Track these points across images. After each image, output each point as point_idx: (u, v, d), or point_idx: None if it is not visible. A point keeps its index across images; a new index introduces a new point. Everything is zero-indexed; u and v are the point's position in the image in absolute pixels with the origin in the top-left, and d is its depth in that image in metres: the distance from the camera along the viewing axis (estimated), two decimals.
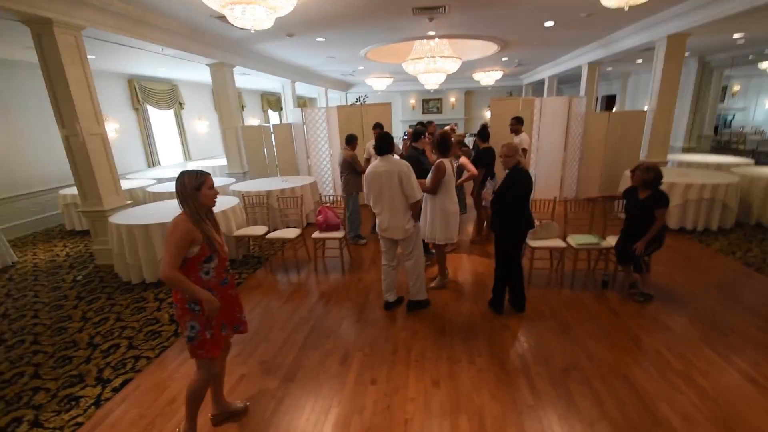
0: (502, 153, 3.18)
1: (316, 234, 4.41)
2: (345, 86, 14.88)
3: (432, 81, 8.65)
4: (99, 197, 4.64)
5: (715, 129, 11.70)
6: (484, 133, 4.80)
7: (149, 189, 6.39)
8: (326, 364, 2.80)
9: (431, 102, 17.69)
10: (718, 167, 6.43)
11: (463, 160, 4.34)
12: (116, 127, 8.44)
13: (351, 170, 5.03)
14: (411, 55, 7.36)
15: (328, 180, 7.57)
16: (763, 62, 9.14)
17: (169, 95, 9.68)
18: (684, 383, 2.46)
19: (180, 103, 10.07)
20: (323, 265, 4.67)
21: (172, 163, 9.99)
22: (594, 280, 3.94)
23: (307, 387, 2.56)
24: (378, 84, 12.63)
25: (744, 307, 3.35)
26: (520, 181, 3.13)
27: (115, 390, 2.62)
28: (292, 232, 4.47)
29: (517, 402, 2.35)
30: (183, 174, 1.92)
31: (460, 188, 4.57)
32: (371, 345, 3.00)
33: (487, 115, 6.53)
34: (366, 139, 6.48)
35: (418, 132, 4.49)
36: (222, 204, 4.83)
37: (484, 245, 5.05)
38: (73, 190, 6.28)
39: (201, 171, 1.95)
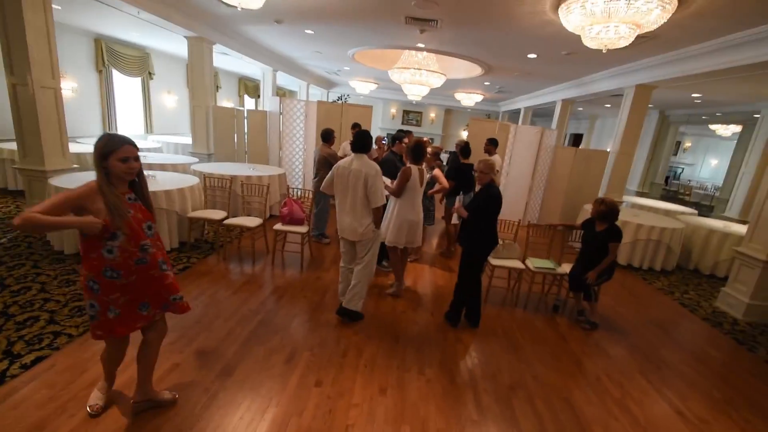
0: (478, 168, 3.24)
1: (278, 226, 4.23)
2: (328, 84, 14.73)
3: (415, 92, 8.75)
4: (41, 156, 4.20)
5: (666, 179, 12.71)
6: (466, 149, 4.90)
7: None
8: (270, 361, 2.64)
9: (411, 114, 17.93)
10: (667, 213, 6.93)
11: (437, 172, 4.37)
12: (74, 86, 7.80)
13: (329, 168, 4.88)
14: (398, 64, 7.41)
15: (299, 174, 7.37)
16: (714, 124, 10.04)
17: (139, 62, 9.10)
18: (619, 411, 2.55)
19: (150, 73, 9.49)
20: (281, 259, 4.49)
21: (131, 133, 9.35)
22: (546, 304, 4.05)
23: (246, 384, 2.40)
24: (361, 87, 12.61)
25: (677, 344, 3.57)
26: (492, 196, 3.17)
27: (25, 367, 2.32)
28: (252, 221, 4.26)
29: (461, 416, 2.32)
30: (101, 137, 1.73)
31: (430, 199, 4.59)
32: (321, 346, 2.88)
33: (464, 134, 6.71)
34: (344, 137, 6.40)
35: (398, 136, 4.49)
36: (179, 182, 4.54)
37: (448, 259, 5.08)
38: (11, 145, 5.70)
39: (118, 139, 1.73)
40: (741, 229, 5.66)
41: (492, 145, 5.54)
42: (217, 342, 2.79)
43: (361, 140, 3.10)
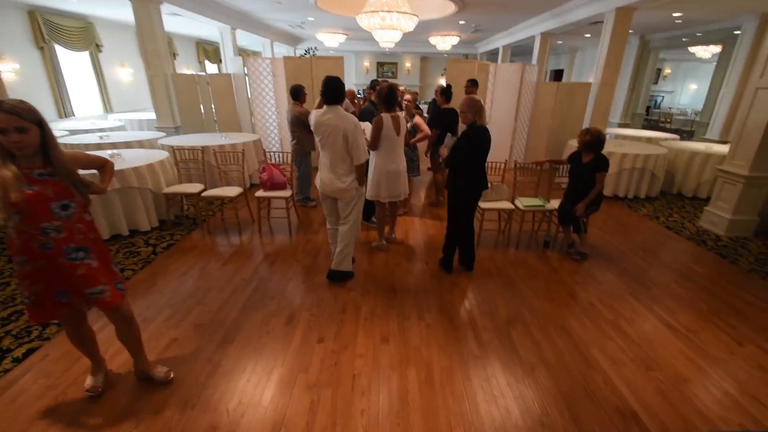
0: (459, 107, 3.08)
1: (260, 193, 4.08)
2: (293, 40, 13.83)
3: (387, 39, 8.23)
4: None
5: (647, 109, 12.67)
6: (448, 92, 4.66)
7: (60, 141, 5.51)
8: (270, 324, 2.63)
9: (386, 66, 17.16)
10: (649, 140, 6.94)
11: (418, 119, 4.19)
12: (15, 67, 7.10)
13: (304, 128, 4.65)
14: (366, 8, 6.89)
15: (275, 138, 7.07)
16: (694, 46, 9.85)
17: (83, 34, 8.29)
18: (613, 331, 2.65)
19: (97, 45, 8.70)
20: (268, 226, 4.39)
21: (89, 115, 8.73)
22: (537, 241, 4.10)
23: (248, 348, 2.39)
24: (330, 40, 11.87)
25: (664, 265, 3.69)
26: (476, 137, 3.04)
27: (17, 360, 2.26)
28: (232, 190, 4.09)
29: (463, 353, 2.38)
30: None
31: (413, 149, 4.44)
32: (319, 305, 2.87)
33: (443, 81, 6.43)
34: (316, 95, 6.05)
35: (373, 86, 4.25)
36: (149, 157, 4.28)
37: (438, 208, 5.05)
38: None
39: None
40: (722, 149, 5.72)
41: (474, 86, 5.32)
42: (213, 313, 2.75)
43: (331, 89, 2.78)
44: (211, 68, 13.73)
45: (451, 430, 1.85)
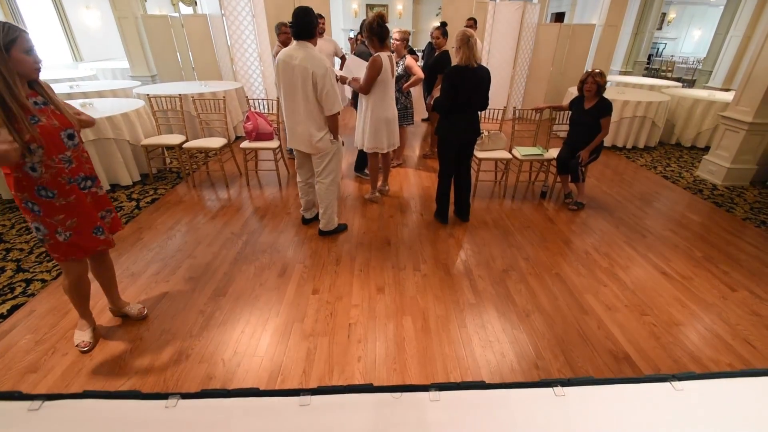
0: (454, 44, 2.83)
1: (245, 144, 3.86)
2: None
3: None
4: None
5: (648, 57, 12.16)
6: (444, 29, 4.27)
7: None
8: (263, 277, 2.57)
9: (376, 8, 16.00)
10: (651, 88, 6.69)
11: (410, 61, 3.90)
12: None
13: None
14: None
15: (259, 85, 6.65)
16: None
17: None
18: (608, 278, 2.65)
19: None
20: (257, 179, 4.22)
21: (57, 64, 8.07)
22: (534, 192, 4.03)
23: (241, 300, 2.34)
24: None
25: (660, 213, 3.66)
26: (458, 76, 2.78)
27: (2, 317, 2.19)
28: (216, 141, 3.86)
29: (459, 301, 2.37)
30: None
31: (407, 95, 4.19)
32: (312, 257, 2.81)
33: (437, 24, 5.96)
34: None
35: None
36: (123, 106, 3.98)
37: (433, 160, 4.89)
38: None
39: (17, 27, 1.40)
40: (725, 96, 5.55)
41: (475, 25, 4.92)
42: (203, 267, 2.67)
43: (300, 20, 2.38)
44: (187, 11, 12.63)
45: (447, 374, 1.86)
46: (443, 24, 4.31)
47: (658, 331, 2.17)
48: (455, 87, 2.82)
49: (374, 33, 2.91)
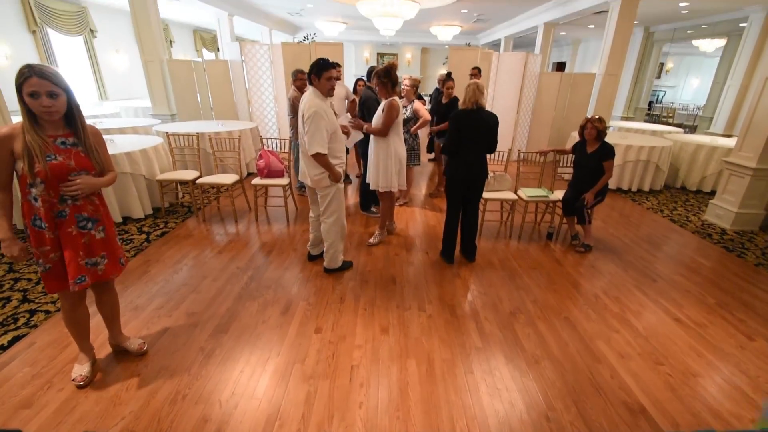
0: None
1: (256, 180, 3.97)
2: (292, 29, 13.60)
3: (388, 26, 8.08)
4: None
5: (649, 104, 12.54)
6: (450, 77, 4.52)
7: None
8: (265, 314, 2.54)
9: (386, 56, 16.94)
10: (653, 133, 6.84)
11: (417, 104, 4.08)
12: (7, 52, 6.92)
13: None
14: None
15: (273, 126, 6.93)
16: (699, 39, 9.71)
17: (77, 19, 8.09)
18: (619, 323, 2.57)
19: (91, 30, 8.49)
20: (265, 215, 4.28)
21: (83, 102, 8.56)
22: (540, 233, 4.02)
23: (243, 338, 2.31)
24: (329, 29, 11.67)
25: (670, 257, 3.61)
26: (464, 119, 2.95)
27: (2, 348, 2.17)
28: (228, 178, 3.98)
29: (465, 345, 2.30)
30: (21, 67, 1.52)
31: (415, 137, 4.33)
32: (316, 294, 2.79)
33: (444, 71, 6.28)
34: None
35: (370, 71, 4.10)
36: (142, 142, 4.16)
37: (439, 199, 4.95)
38: None
39: (29, 70, 1.49)
40: (727, 142, 5.64)
41: (479, 73, 5.17)
42: (207, 302, 2.66)
43: (311, 68, 2.62)
44: (209, 57, 13.50)
45: (453, 424, 1.77)
46: (449, 74, 4.54)
47: (674, 382, 2.07)
48: (459, 130, 2.94)
49: (388, 79, 3.12)
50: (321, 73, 2.57)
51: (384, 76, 3.13)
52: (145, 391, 1.91)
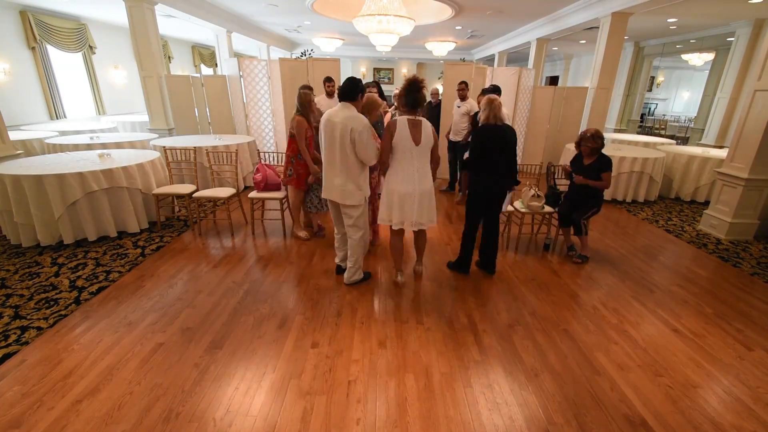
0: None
1: (253, 194, 3.97)
2: (290, 45, 13.82)
3: (384, 42, 8.23)
4: None
5: (641, 116, 12.74)
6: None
7: (49, 141, 5.37)
8: (261, 329, 2.51)
9: (383, 71, 17.20)
10: (646, 145, 6.94)
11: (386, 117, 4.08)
12: (6, 68, 6.98)
13: None
14: (362, 11, 6.86)
15: (270, 141, 6.98)
16: (688, 54, 9.94)
17: (76, 36, 8.19)
18: (618, 335, 2.56)
19: (90, 47, 8.59)
20: (262, 228, 4.27)
21: (81, 117, 8.59)
22: (537, 245, 4.03)
23: (238, 354, 2.27)
24: (326, 45, 11.87)
25: (666, 267, 3.62)
26: (485, 134, 2.99)
27: None
28: (225, 191, 3.99)
29: (464, 358, 2.27)
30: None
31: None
32: (313, 308, 2.76)
33: (439, 87, 6.32)
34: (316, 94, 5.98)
35: (362, 89, 4.11)
36: (139, 157, 4.17)
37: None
38: None
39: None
40: (719, 153, 5.72)
41: (466, 88, 5.23)
42: (202, 317, 2.63)
43: (344, 86, 2.69)
44: (207, 72, 13.65)
45: None
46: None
47: (674, 393, 2.05)
48: (482, 143, 2.99)
49: (408, 94, 2.69)
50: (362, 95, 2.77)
51: (406, 88, 2.71)
52: (138, 409, 1.86)
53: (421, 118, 2.75)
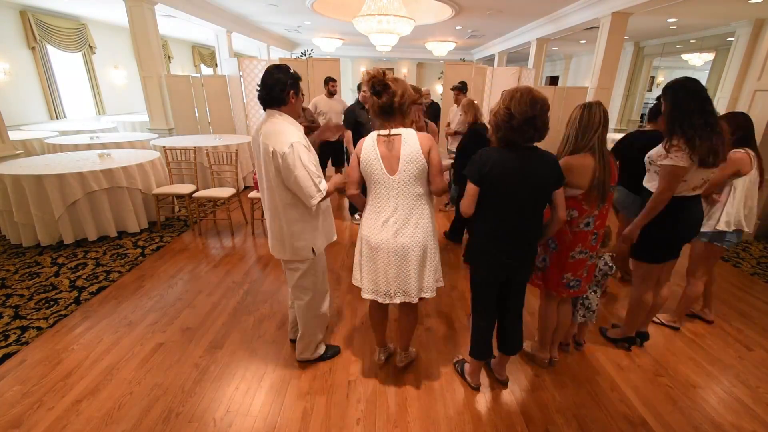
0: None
1: (253, 194, 3.97)
2: (290, 45, 13.82)
3: (384, 42, 8.22)
4: None
5: (641, 116, 12.75)
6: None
7: (49, 141, 5.37)
8: (261, 329, 2.51)
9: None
10: None
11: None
12: (6, 67, 6.98)
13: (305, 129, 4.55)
14: (362, 11, 6.86)
15: None
16: (687, 54, 9.94)
17: (76, 35, 8.19)
18: None
19: (90, 47, 8.59)
20: (262, 228, 4.27)
21: (81, 117, 8.59)
22: None
23: (238, 354, 2.27)
24: (326, 45, 11.86)
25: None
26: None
27: None
28: (225, 191, 3.99)
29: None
30: None
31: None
32: None
33: (439, 88, 6.32)
34: (313, 94, 5.99)
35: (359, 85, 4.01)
36: (138, 157, 4.17)
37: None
38: None
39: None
40: None
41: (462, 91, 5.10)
42: (202, 317, 2.63)
43: (270, 84, 1.70)
44: (207, 72, 13.65)
45: None
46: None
47: (674, 393, 2.05)
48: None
49: (377, 100, 1.72)
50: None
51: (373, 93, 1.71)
52: (138, 409, 1.87)
53: (404, 129, 1.69)
